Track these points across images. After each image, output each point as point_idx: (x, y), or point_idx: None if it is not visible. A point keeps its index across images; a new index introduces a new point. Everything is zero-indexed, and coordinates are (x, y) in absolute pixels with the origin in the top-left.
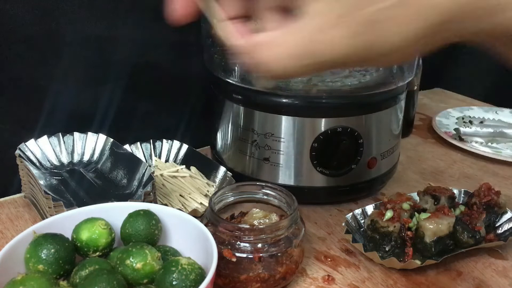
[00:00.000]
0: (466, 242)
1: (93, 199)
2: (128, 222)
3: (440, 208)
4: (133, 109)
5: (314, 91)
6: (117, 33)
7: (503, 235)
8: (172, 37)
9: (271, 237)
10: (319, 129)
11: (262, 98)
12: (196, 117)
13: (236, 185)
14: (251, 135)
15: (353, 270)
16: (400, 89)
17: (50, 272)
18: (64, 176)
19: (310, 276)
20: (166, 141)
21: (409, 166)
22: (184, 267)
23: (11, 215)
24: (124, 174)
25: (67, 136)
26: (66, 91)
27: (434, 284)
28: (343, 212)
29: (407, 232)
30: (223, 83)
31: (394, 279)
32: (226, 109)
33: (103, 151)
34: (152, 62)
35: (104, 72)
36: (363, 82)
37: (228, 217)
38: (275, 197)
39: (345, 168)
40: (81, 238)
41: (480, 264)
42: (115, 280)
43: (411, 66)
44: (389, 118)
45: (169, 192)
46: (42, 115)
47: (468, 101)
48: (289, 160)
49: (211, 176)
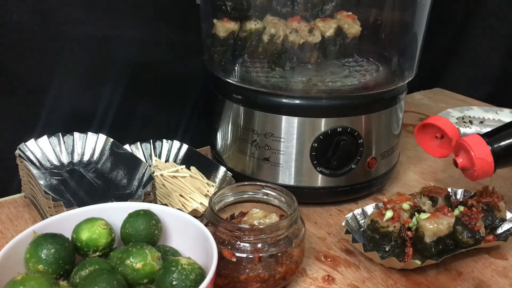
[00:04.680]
0: (466, 242)
1: (93, 199)
2: (128, 222)
3: (440, 208)
4: (133, 109)
5: (314, 91)
6: (117, 33)
7: (503, 235)
8: (172, 37)
9: (271, 237)
10: (319, 129)
11: (262, 98)
12: (196, 117)
13: (236, 185)
14: (251, 135)
15: (353, 270)
16: (400, 89)
17: (50, 272)
18: (64, 176)
19: (310, 276)
20: (166, 141)
21: (409, 166)
22: (184, 267)
23: (11, 215)
24: (124, 174)
25: (67, 136)
26: (66, 91)
27: (434, 284)
28: (343, 212)
29: (407, 232)
30: (223, 83)
31: (394, 279)
32: (226, 109)
33: (103, 151)
34: (152, 62)
35: (104, 72)
36: (363, 82)
37: (228, 217)
38: (275, 197)
39: (345, 168)
40: (81, 238)
41: (480, 264)
42: (115, 280)
43: (411, 66)
44: (389, 118)
45: (169, 192)
46: (42, 115)
47: (468, 101)
48: (289, 160)
49: (211, 176)
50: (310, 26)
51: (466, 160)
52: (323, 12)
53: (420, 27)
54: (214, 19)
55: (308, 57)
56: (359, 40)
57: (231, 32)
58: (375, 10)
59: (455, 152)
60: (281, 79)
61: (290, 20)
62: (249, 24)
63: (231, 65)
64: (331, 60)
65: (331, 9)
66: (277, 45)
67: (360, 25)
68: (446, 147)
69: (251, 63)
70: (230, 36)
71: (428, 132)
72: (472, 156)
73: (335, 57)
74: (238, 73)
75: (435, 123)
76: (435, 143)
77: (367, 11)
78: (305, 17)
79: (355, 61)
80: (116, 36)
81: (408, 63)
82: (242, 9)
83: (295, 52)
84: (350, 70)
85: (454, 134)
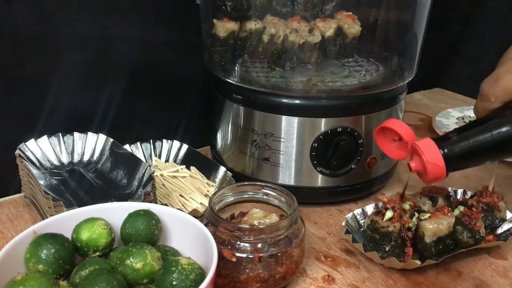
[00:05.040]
0: (466, 242)
1: (93, 199)
2: (128, 222)
3: (440, 208)
4: (133, 109)
5: (314, 91)
6: (117, 33)
7: (503, 235)
8: (172, 37)
9: (271, 237)
10: (319, 129)
11: (262, 98)
12: (196, 117)
13: (236, 185)
14: (251, 135)
15: (353, 270)
16: (400, 89)
17: (50, 272)
18: (64, 176)
19: (310, 276)
20: (166, 141)
21: None
22: (184, 267)
23: (11, 215)
24: (124, 174)
25: (67, 136)
26: (66, 91)
27: (434, 284)
28: (343, 212)
29: (407, 232)
30: (223, 83)
31: (394, 279)
32: (226, 109)
33: (103, 151)
34: (152, 62)
35: (104, 72)
36: (363, 82)
37: (228, 217)
38: (275, 197)
39: (345, 168)
40: (81, 238)
41: (480, 264)
42: (115, 280)
43: (411, 66)
44: (389, 118)
45: (169, 192)
46: (42, 115)
47: (468, 101)
48: (289, 160)
49: (211, 176)
50: (310, 26)
51: (419, 164)
52: (323, 12)
53: (420, 27)
54: (214, 19)
55: (308, 57)
56: (359, 40)
57: (231, 32)
58: (375, 10)
59: (411, 156)
60: (281, 79)
61: (290, 20)
62: (249, 24)
63: (231, 65)
64: (331, 60)
65: (331, 9)
66: (277, 45)
67: (360, 25)
68: (404, 149)
69: (251, 63)
70: (230, 36)
71: (387, 134)
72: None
73: (335, 57)
74: (238, 73)
75: (390, 127)
76: (394, 145)
77: (367, 11)
78: (305, 17)
79: (355, 61)
80: (116, 36)
81: (408, 63)
82: (242, 9)
83: (295, 52)
84: (350, 70)
85: (410, 138)
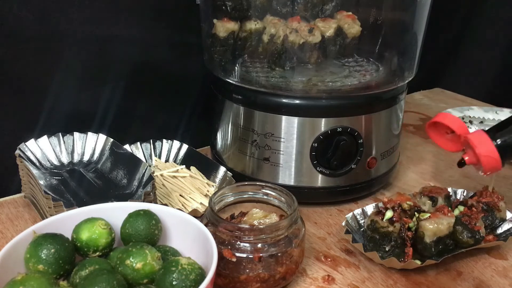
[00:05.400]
0: (466, 242)
1: (93, 199)
2: (128, 222)
3: (440, 208)
4: (133, 109)
5: (314, 91)
6: (117, 33)
7: (503, 235)
8: (172, 37)
9: (271, 237)
10: (319, 129)
11: (262, 98)
12: (196, 117)
13: (236, 185)
14: (251, 135)
15: (353, 270)
16: (400, 89)
17: (50, 272)
18: (64, 176)
19: (310, 276)
20: (166, 141)
21: (409, 166)
22: (184, 267)
23: (11, 215)
24: (124, 174)
25: (67, 136)
26: (66, 91)
27: (434, 284)
28: (343, 212)
29: (407, 232)
30: (223, 83)
31: (394, 279)
32: (226, 109)
33: (103, 151)
34: (152, 62)
35: (104, 72)
36: (363, 82)
37: (228, 217)
38: (275, 197)
39: (345, 168)
40: (81, 238)
41: (480, 264)
42: (115, 280)
43: (411, 66)
44: (389, 118)
45: (169, 192)
46: (42, 115)
47: (468, 101)
48: (289, 160)
49: (211, 176)
50: (310, 26)
51: (473, 156)
52: (323, 12)
53: (420, 27)
54: (214, 19)
55: (308, 57)
56: (359, 40)
57: (231, 32)
58: (375, 10)
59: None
60: (281, 79)
61: (290, 20)
62: (249, 24)
63: (231, 65)
64: (331, 60)
65: (331, 9)
66: (277, 45)
67: (360, 25)
68: (458, 141)
69: (251, 63)
70: (230, 36)
71: (439, 128)
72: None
73: (335, 57)
74: (238, 73)
75: (440, 121)
76: (447, 138)
77: (367, 11)
78: (305, 17)
79: (355, 61)
80: (116, 36)
81: (408, 63)
82: (242, 9)
83: (295, 52)
84: (350, 70)
85: (462, 131)
